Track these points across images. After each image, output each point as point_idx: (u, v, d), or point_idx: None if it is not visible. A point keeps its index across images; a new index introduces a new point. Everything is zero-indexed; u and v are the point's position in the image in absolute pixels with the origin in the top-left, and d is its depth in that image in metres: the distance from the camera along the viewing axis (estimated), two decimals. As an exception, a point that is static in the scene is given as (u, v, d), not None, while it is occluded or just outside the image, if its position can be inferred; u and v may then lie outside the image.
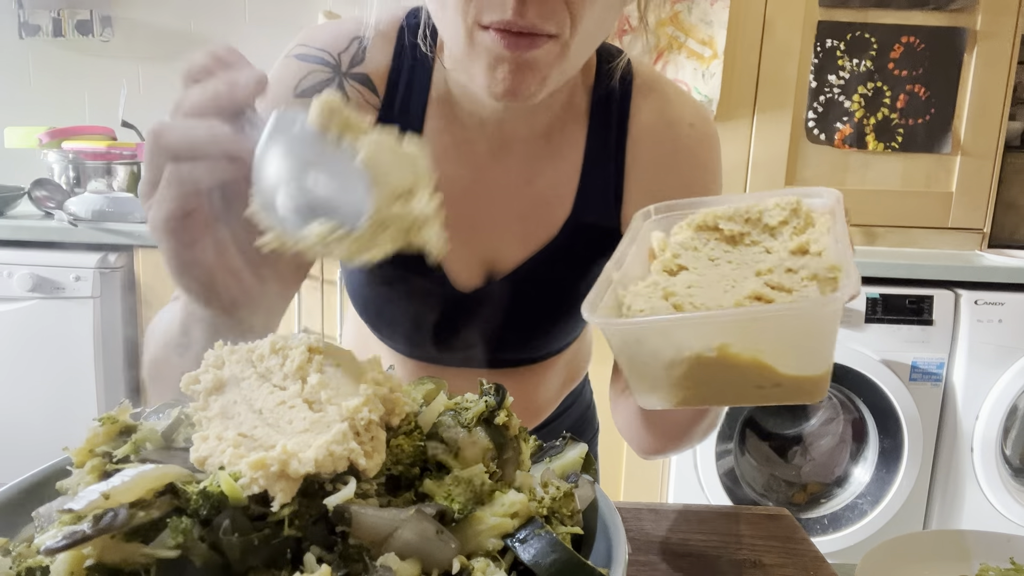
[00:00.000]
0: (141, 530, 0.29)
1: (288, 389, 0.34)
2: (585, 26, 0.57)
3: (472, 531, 0.33)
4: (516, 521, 0.33)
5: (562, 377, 0.90)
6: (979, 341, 1.88)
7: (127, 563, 0.28)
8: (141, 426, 0.36)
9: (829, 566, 0.52)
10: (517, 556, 0.32)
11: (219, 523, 0.29)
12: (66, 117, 2.43)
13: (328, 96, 0.39)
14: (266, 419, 0.33)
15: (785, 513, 0.61)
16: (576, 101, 0.73)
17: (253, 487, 0.29)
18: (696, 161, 0.73)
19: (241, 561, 0.29)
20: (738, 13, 2.15)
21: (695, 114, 0.74)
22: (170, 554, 0.28)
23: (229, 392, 0.34)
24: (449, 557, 0.31)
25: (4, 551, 0.30)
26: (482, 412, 0.38)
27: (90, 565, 0.28)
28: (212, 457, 0.31)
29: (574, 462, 0.40)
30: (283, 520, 0.30)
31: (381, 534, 0.30)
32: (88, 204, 1.96)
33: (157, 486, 0.30)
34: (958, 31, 2.17)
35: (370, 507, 0.31)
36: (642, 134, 0.73)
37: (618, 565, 0.33)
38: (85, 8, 2.43)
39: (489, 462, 0.37)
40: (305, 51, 0.70)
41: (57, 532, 0.28)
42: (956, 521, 1.99)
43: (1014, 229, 2.51)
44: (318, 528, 0.30)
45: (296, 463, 0.29)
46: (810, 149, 2.25)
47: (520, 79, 0.57)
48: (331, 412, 0.32)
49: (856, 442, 2.07)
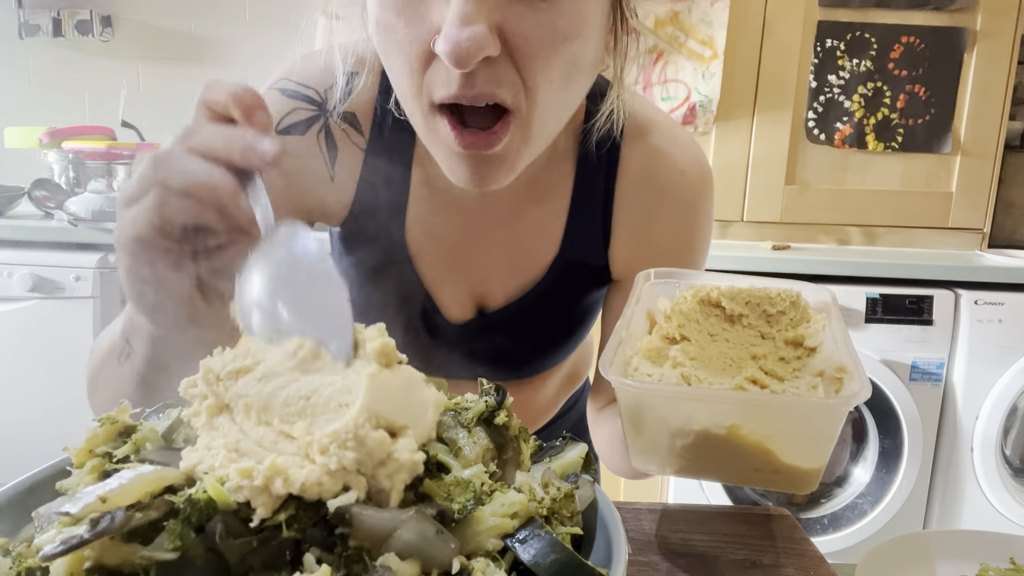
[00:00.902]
0: (140, 531, 0.29)
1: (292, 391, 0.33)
2: (545, 95, 0.53)
3: (472, 531, 0.33)
4: (516, 521, 0.33)
5: (561, 384, 0.90)
6: (979, 341, 1.88)
7: (126, 564, 0.28)
8: (141, 426, 0.36)
9: (829, 566, 0.52)
10: (517, 556, 0.32)
11: (212, 528, 0.29)
12: (66, 117, 2.43)
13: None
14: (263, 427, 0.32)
15: (785, 513, 0.61)
16: (563, 143, 0.71)
17: (239, 494, 0.29)
18: (685, 209, 0.71)
19: (240, 563, 0.29)
20: (738, 13, 2.15)
21: (688, 160, 0.71)
22: (168, 556, 0.28)
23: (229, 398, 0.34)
24: (449, 557, 0.31)
25: (4, 551, 0.30)
26: (482, 412, 0.38)
27: (89, 567, 0.28)
28: (202, 464, 0.31)
29: (574, 462, 0.40)
30: (280, 523, 0.29)
31: (381, 535, 0.30)
32: (88, 204, 1.96)
33: (154, 489, 0.30)
34: (958, 31, 2.17)
35: (370, 508, 0.31)
36: (631, 179, 0.71)
37: (618, 565, 0.33)
38: (85, 8, 2.43)
39: (489, 462, 0.36)
40: (289, 86, 0.67)
41: (55, 536, 0.28)
42: (956, 521, 1.99)
43: (1014, 229, 2.51)
44: (317, 530, 0.30)
45: (280, 482, 0.29)
46: (810, 149, 2.24)
47: (484, 172, 0.56)
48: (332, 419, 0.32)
49: (856, 442, 2.07)
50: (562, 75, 0.54)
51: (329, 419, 0.32)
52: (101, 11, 2.45)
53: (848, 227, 2.29)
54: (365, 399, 0.32)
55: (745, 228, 2.27)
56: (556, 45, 0.51)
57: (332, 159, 0.68)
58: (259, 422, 0.32)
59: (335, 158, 0.68)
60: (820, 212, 2.26)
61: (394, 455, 0.32)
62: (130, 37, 2.49)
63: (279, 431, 0.32)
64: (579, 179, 0.71)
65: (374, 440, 0.31)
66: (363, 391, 0.32)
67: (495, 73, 0.51)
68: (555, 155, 0.71)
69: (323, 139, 0.67)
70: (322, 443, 0.30)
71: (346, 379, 0.33)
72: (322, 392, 0.32)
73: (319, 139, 0.67)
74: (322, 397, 0.32)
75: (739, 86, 2.19)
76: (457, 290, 0.75)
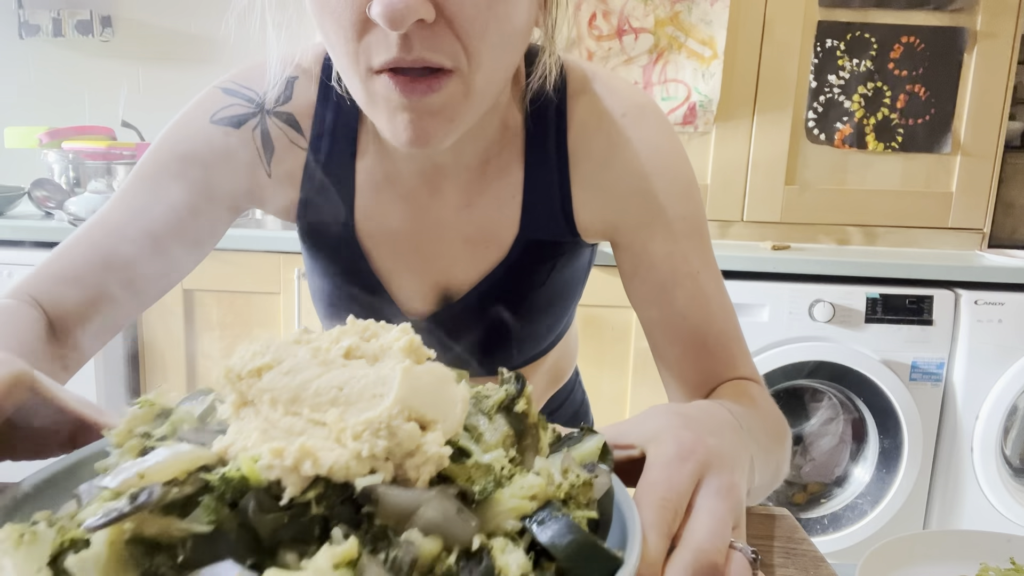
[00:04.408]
0: (176, 506, 0.31)
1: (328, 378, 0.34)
2: (485, 58, 0.54)
3: (491, 512, 0.34)
4: (534, 504, 0.34)
5: (544, 383, 0.90)
6: (979, 341, 1.88)
7: (163, 536, 0.30)
8: (177, 410, 0.38)
9: (829, 566, 0.52)
10: (534, 537, 0.33)
11: (245, 504, 0.30)
12: (66, 117, 2.43)
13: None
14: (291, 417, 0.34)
15: (785, 513, 0.61)
16: (510, 118, 0.71)
17: (271, 473, 0.31)
18: (637, 148, 0.70)
19: (271, 537, 0.31)
20: (738, 13, 2.15)
21: (629, 103, 0.71)
22: (204, 529, 0.30)
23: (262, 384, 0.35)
24: (469, 535, 0.32)
25: (48, 523, 0.32)
26: (502, 400, 0.39)
27: (128, 538, 0.30)
28: (234, 445, 0.32)
29: (592, 452, 0.40)
30: (310, 501, 0.31)
31: (405, 513, 0.31)
32: (88, 204, 1.96)
33: (189, 467, 0.31)
34: (958, 31, 2.17)
35: (394, 488, 0.32)
36: (579, 136, 0.70)
37: (632, 550, 0.33)
38: (85, 8, 2.43)
39: (509, 448, 0.37)
40: (230, 86, 0.71)
41: (98, 509, 0.30)
42: (956, 521, 1.99)
43: (1014, 229, 2.51)
44: (345, 508, 0.32)
45: (309, 464, 0.31)
46: (810, 149, 2.25)
47: (424, 126, 0.55)
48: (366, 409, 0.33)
49: (856, 442, 2.07)
50: (499, 35, 0.55)
51: (363, 408, 0.33)
52: (101, 11, 2.45)
53: (848, 227, 2.29)
54: (399, 392, 0.33)
55: (745, 228, 2.28)
56: (491, 7, 0.53)
57: (268, 157, 0.70)
58: (287, 412, 0.34)
59: (271, 156, 0.70)
60: (820, 212, 2.26)
61: (423, 448, 0.33)
62: (130, 37, 2.49)
63: (309, 419, 0.33)
64: (530, 150, 0.70)
65: (405, 432, 0.32)
66: (397, 384, 0.33)
67: (433, 37, 0.52)
68: (505, 134, 0.70)
69: (258, 136, 0.69)
70: (356, 430, 0.32)
71: (379, 372, 0.34)
72: (355, 384, 0.34)
73: (254, 136, 0.69)
74: (355, 388, 0.34)
75: (739, 86, 2.19)
76: (418, 283, 0.74)
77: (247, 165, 0.70)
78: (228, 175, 0.70)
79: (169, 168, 0.69)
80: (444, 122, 0.56)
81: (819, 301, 1.87)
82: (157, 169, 0.69)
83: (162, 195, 0.68)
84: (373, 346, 0.37)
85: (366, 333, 0.38)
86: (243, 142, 0.69)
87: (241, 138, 0.69)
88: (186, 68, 2.49)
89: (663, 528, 0.36)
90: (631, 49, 2.18)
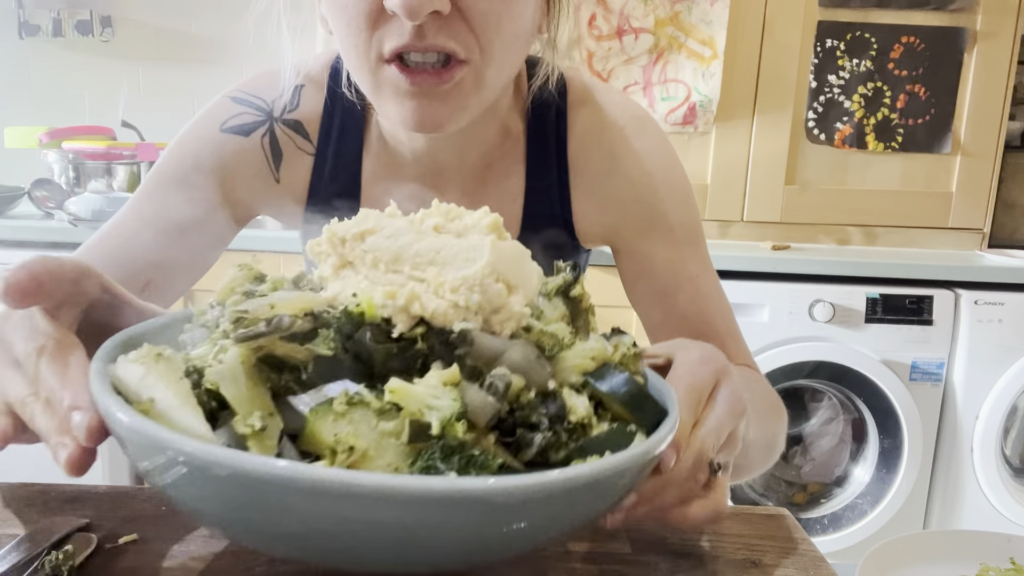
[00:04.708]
0: (298, 335, 0.36)
1: (428, 241, 0.39)
2: (497, 51, 0.57)
3: (558, 368, 0.39)
4: (594, 364, 0.40)
5: None
6: (979, 341, 1.88)
7: (290, 357, 0.35)
8: (270, 276, 0.43)
9: (829, 566, 0.52)
10: (595, 389, 0.39)
11: (361, 336, 0.35)
12: (66, 117, 2.43)
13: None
14: (393, 275, 0.39)
15: (785, 513, 0.61)
16: (512, 124, 0.73)
17: (384, 311, 0.36)
18: (636, 159, 0.73)
19: (382, 365, 0.35)
20: (738, 13, 2.15)
21: (628, 115, 0.74)
22: (327, 352, 0.35)
23: (360, 248, 0.40)
24: (546, 378, 0.37)
25: (159, 355, 0.36)
26: (560, 286, 0.45)
27: (260, 356, 0.35)
28: (342, 294, 0.38)
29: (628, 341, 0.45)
30: (416, 337, 0.36)
31: (493, 355, 0.37)
32: (88, 204, 1.96)
33: (306, 306, 0.37)
34: (958, 31, 2.17)
35: (485, 333, 0.38)
36: (580, 145, 0.73)
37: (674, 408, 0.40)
38: (85, 8, 2.43)
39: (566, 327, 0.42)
40: (239, 95, 0.73)
41: (208, 349, 0.36)
42: (956, 521, 1.99)
43: (1014, 229, 2.51)
44: (442, 348, 0.37)
45: (418, 305, 0.36)
46: (810, 149, 2.25)
47: (434, 110, 0.58)
48: (460, 269, 0.38)
49: (856, 442, 2.07)
50: (510, 31, 0.58)
51: (457, 268, 0.38)
52: (101, 11, 2.45)
53: (848, 227, 2.29)
54: (490, 257, 0.38)
55: (745, 228, 2.28)
56: (504, 2, 0.56)
57: (276, 162, 0.72)
58: (388, 270, 0.39)
59: (279, 162, 0.72)
60: (820, 212, 2.26)
61: (508, 305, 0.38)
62: (130, 37, 2.49)
63: (409, 276, 0.38)
64: (531, 156, 0.73)
65: (495, 290, 0.38)
66: (487, 251, 0.39)
67: (447, 27, 0.54)
68: (507, 139, 0.73)
69: (267, 143, 0.72)
70: (454, 284, 0.37)
71: (468, 242, 0.40)
72: (449, 249, 0.39)
73: (263, 142, 0.72)
74: (450, 252, 0.39)
75: (739, 86, 2.19)
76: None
77: (256, 171, 0.72)
78: (238, 182, 0.72)
79: (180, 177, 0.71)
80: (454, 109, 0.58)
81: (819, 301, 1.87)
82: (168, 178, 0.71)
83: (173, 203, 0.70)
84: (456, 225, 0.42)
85: (449, 215, 0.42)
86: (252, 149, 0.71)
87: (250, 145, 0.71)
88: (186, 68, 2.49)
89: (691, 407, 0.43)
90: (631, 49, 2.18)
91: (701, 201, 2.25)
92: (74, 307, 0.40)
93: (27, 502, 0.53)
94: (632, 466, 0.35)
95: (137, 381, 0.34)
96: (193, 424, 0.32)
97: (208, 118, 0.72)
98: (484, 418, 0.34)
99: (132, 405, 0.33)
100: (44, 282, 0.38)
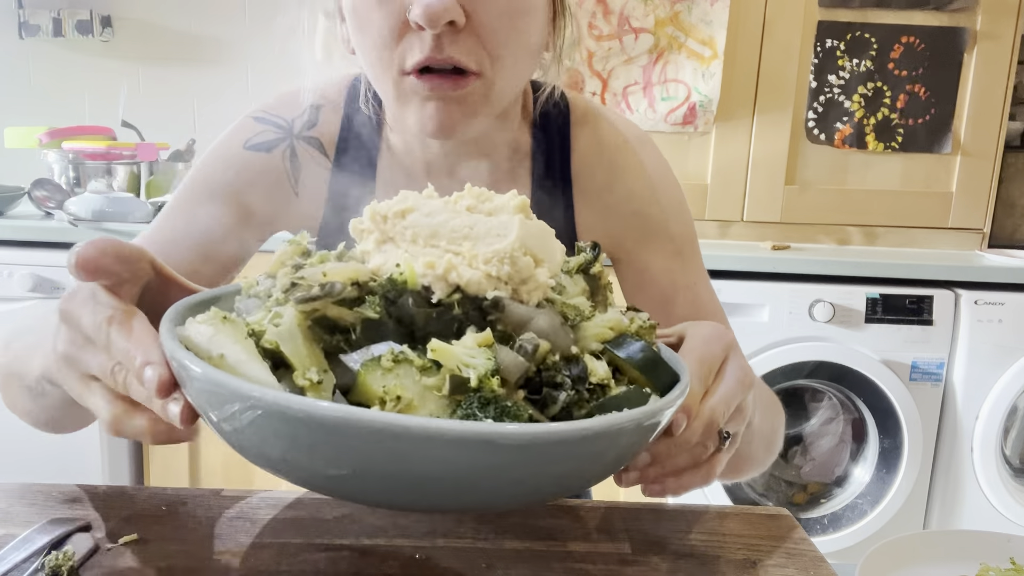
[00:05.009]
0: (347, 301, 0.40)
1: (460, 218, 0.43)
2: (507, 64, 0.62)
3: (579, 336, 0.43)
4: (612, 333, 0.43)
5: None
6: (979, 341, 1.88)
7: (341, 320, 0.39)
8: (316, 252, 0.46)
9: (829, 566, 0.52)
10: (613, 355, 0.43)
11: (404, 301, 0.39)
12: (66, 117, 2.43)
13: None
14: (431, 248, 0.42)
15: (785, 513, 0.61)
16: (520, 140, 0.78)
17: (424, 279, 0.40)
18: (637, 173, 0.78)
19: (423, 328, 0.39)
20: (738, 13, 2.15)
21: (628, 132, 0.80)
22: (373, 315, 0.39)
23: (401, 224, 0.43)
24: (569, 343, 0.41)
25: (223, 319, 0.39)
26: (580, 264, 0.49)
27: (315, 318, 0.39)
28: (385, 265, 0.41)
29: (643, 316, 0.48)
30: (453, 303, 0.40)
31: (521, 322, 0.41)
32: (88, 204, 1.96)
33: (354, 276, 0.40)
34: (958, 31, 2.17)
35: (514, 302, 0.41)
36: (582, 161, 0.78)
37: (684, 374, 0.44)
38: (85, 8, 2.43)
39: (586, 301, 0.46)
40: (261, 114, 0.78)
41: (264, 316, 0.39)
42: (956, 521, 1.99)
43: (1014, 229, 2.51)
44: (476, 314, 0.40)
45: (455, 274, 0.40)
46: (810, 149, 2.25)
47: (450, 115, 0.62)
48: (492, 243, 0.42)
49: (856, 442, 2.07)
50: (519, 46, 0.63)
51: (489, 243, 0.42)
52: (101, 11, 2.45)
53: (848, 227, 2.29)
54: (519, 232, 0.42)
55: (745, 228, 2.28)
56: (513, 19, 0.61)
57: (296, 177, 0.77)
58: (426, 245, 0.43)
59: (299, 176, 0.77)
60: (820, 212, 2.26)
61: (535, 276, 0.42)
62: (130, 37, 2.49)
63: (446, 250, 0.42)
64: (537, 173, 0.77)
65: (524, 262, 0.42)
66: (516, 228, 0.43)
67: (462, 42, 0.59)
68: (515, 155, 0.77)
69: (288, 158, 0.76)
70: (486, 256, 0.41)
71: (499, 220, 0.44)
72: (481, 225, 0.43)
73: (284, 157, 0.76)
74: (482, 228, 0.43)
75: (739, 86, 2.19)
76: None
77: (276, 186, 0.77)
78: (260, 197, 0.76)
79: (207, 195, 0.75)
80: (467, 115, 0.63)
81: (819, 301, 1.87)
82: (195, 196, 0.75)
83: (200, 221, 0.74)
84: (487, 206, 0.45)
85: (481, 197, 0.46)
86: (273, 164, 0.76)
87: (271, 161, 0.76)
88: (186, 68, 2.49)
89: (702, 377, 0.47)
90: (631, 49, 2.18)
91: (701, 201, 2.25)
92: (132, 285, 0.44)
93: (27, 502, 0.53)
94: (646, 420, 0.38)
95: (207, 340, 0.37)
96: (262, 375, 0.36)
97: (232, 137, 0.77)
98: (515, 375, 0.38)
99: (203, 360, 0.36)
100: (110, 258, 0.41)
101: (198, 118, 2.50)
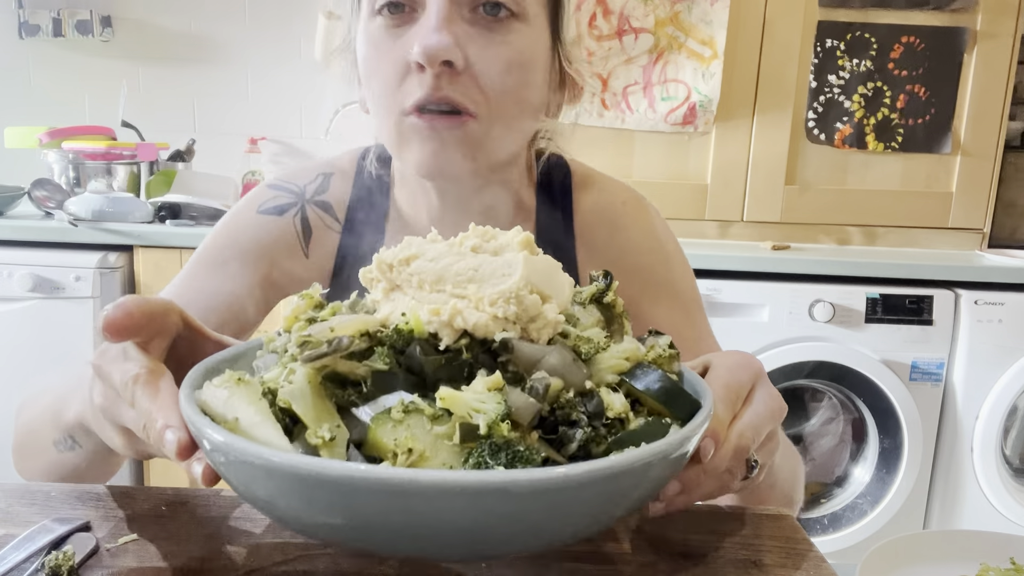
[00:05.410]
0: (356, 354, 0.40)
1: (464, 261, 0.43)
2: (503, 109, 0.66)
3: (595, 369, 0.42)
4: (628, 364, 0.43)
5: None
6: (979, 341, 1.88)
7: (351, 374, 0.39)
8: (327, 305, 0.47)
9: (829, 566, 0.52)
10: (630, 387, 0.42)
11: (412, 350, 0.40)
12: (66, 117, 2.43)
13: None
14: (436, 294, 0.42)
15: (785, 513, 0.61)
16: (525, 199, 0.80)
17: (430, 326, 0.40)
18: (639, 227, 0.82)
19: (432, 375, 0.39)
20: (738, 13, 2.15)
21: (626, 193, 0.84)
22: (383, 366, 0.39)
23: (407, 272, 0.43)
24: (583, 379, 0.41)
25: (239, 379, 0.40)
26: (594, 293, 0.48)
27: (325, 375, 0.39)
28: (393, 314, 0.42)
29: (666, 341, 0.47)
30: (461, 348, 0.40)
31: (532, 360, 0.40)
32: (88, 204, 1.96)
33: (362, 328, 0.41)
34: (958, 31, 2.17)
35: (524, 341, 0.41)
36: (585, 220, 0.81)
37: (707, 401, 0.42)
38: (85, 8, 2.43)
39: (600, 332, 0.46)
40: (277, 183, 0.82)
41: (279, 372, 0.40)
42: (956, 521, 1.99)
43: (1014, 229, 2.51)
44: (485, 357, 0.40)
45: (460, 319, 0.40)
46: (810, 149, 2.25)
47: (447, 156, 0.65)
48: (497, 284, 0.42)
49: (856, 442, 2.07)
50: (516, 96, 0.66)
51: (494, 284, 0.42)
52: (101, 11, 2.45)
53: (848, 227, 2.29)
54: (523, 271, 0.42)
55: (745, 228, 2.28)
56: (510, 67, 0.65)
57: (306, 239, 0.80)
58: (432, 290, 0.42)
59: (309, 239, 0.80)
60: (820, 212, 2.26)
61: (543, 314, 0.42)
62: (130, 37, 2.49)
63: (452, 294, 0.42)
64: (540, 232, 0.80)
65: (530, 300, 0.41)
66: (521, 266, 0.42)
67: (460, 84, 0.63)
68: (520, 211, 0.80)
69: (298, 221, 0.80)
70: (492, 298, 0.41)
71: (503, 259, 0.43)
72: (486, 266, 0.43)
73: (294, 221, 0.80)
74: (487, 270, 0.42)
75: (739, 86, 2.19)
76: None
77: (289, 249, 0.80)
78: (272, 260, 0.79)
79: (222, 260, 0.78)
80: (463, 157, 0.66)
81: (819, 301, 1.87)
82: (210, 261, 0.78)
83: (215, 285, 0.77)
84: (492, 245, 0.45)
85: (485, 236, 0.46)
86: (285, 227, 0.79)
87: (284, 224, 0.79)
88: (186, 68, 2.49)
89: (729, 403, 0.46)
90: (631, 49, 2.18)
91: (701, 201, 2.25)
92: (162, 340, 0.45)
93: (27, 502, 0.53)
94: (668, 453, 0.37)
95: (222, 403, 0.38)
96: (273, 438, 0.37)
97: (247, 204, 0.80)
98: (527, 417, 0.38)
99: (218, 424, 0.37)
100: (137, 319, 0.43)
101: (198, 118, 2.50)
